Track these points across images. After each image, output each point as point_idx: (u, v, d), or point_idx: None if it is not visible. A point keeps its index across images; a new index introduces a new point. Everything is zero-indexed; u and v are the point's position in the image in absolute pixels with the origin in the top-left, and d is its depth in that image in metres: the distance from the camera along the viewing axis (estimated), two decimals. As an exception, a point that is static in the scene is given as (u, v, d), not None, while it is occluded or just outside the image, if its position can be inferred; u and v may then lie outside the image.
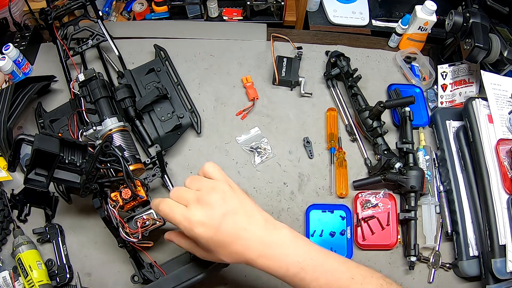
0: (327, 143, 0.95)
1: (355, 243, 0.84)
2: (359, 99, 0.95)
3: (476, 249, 0.79)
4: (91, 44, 0.99)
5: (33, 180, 0.66)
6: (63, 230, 0.84)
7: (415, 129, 0.96)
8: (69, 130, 0.86)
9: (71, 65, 0.99)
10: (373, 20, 1.22)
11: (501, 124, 0.83)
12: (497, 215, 0.75)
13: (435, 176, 0.89)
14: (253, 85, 1.02)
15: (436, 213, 0.86)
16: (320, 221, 0.85)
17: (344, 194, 0.88)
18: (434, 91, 1.02)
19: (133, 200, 0.74)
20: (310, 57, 1.09)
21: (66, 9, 0.98)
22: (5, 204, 0.84)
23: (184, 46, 1.09)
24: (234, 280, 0.81)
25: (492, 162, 0.79)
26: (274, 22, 1.24)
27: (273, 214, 0.87)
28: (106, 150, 0.69)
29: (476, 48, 0.86)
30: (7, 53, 0.97)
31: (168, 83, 0.97)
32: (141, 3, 1.19)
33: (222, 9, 1.23)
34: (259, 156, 0.93)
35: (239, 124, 0.98)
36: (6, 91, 0.86)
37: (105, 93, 0.86)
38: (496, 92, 0.87)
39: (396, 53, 1.09)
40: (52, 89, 1.02)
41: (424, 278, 0.81)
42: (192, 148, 0.94)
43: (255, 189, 0.90)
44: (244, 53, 1.09)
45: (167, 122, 0.91)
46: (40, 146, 0.62)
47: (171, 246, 0.83)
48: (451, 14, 0.92)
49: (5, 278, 0.77)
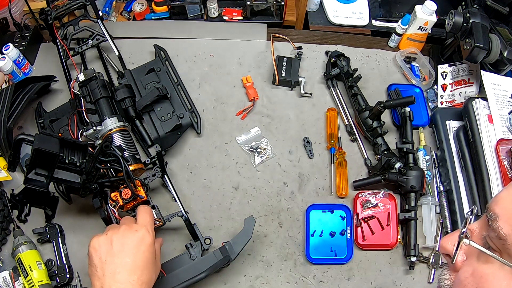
0: (327, 143, 0.95)
1: (355, 243, 0.84)
2: (359, 99, 0.95)
3: (476, 249, 0.79)
4: (91, 44, 0.99)
5: (33, 180, 0.66)
6: (63, 230, 0.84)
7: (415, 129, 0.96)
8: (69, 130, 0.86)
9: (71, 65, 0.99)
10: (373, 20, 1.22)
11: (501, 124, 0.83)
12: (497, 215, 0.75)
13: (435, 176, 0.89)
14: (253, 85, 1.02)
15: (436, 213, 0.86)
16: (320, 221, 0.85)
17: (344, 194, 0.88)
18: (434, 91, 1.02)
19: (133, 200, 0.74)
20: (310, 57, 1.09)
21: (66, 9, 0.98)
22: (5, 204, 0.84)
23: (184, 46, 1.09)
24: (234, 280, 0.81)
25: (492, 162, 0.79)
26: (274, 22, 1.24)
27: (273, 214, 0.87)
28: (106, 150, 0.69)
29: (476, 48, 0.86)
30: (7, 53, 0.97)
31: (168, 83, 0.97)
32: (141, 3, 1.19)
33: (222, 9, 1.23)
34: (259, 156, 0.93)
35: (239, 124, 0.98)
36: (6, 91, 0.86)
37: (105, 93, 0.86)
38: (496, 92, 0.87)
39: (396, 53, 1.09)
40: (52, 89, 1.02)
41: (424, 278, 0.81)
42: (192, 148, 0.94)
43: (255, 189, 0.90)
44: (244, 53, 1.09)
45: (167, 122, 0.91)
46: (40, 146, 0.62)
47: (171, 246, 0.83)
48: (451, 14, 0.92)
49: (5, 278, 0.77)
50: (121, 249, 0.60)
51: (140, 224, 0.66)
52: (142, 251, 0.61)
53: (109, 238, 0.62)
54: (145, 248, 0.62)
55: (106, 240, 0.61)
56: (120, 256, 0.60)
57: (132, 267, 0.59)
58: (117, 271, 0.58)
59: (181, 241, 0.83)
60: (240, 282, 0.80)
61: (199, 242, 0.78)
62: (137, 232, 0.63)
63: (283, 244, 0.84)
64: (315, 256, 0.82)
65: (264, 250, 0.84)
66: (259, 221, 0.86)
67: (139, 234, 0.63)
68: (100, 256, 0.60)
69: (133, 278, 0.59)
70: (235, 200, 0.89)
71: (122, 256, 0.60)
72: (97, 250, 0.61)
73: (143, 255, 0.61)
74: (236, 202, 0.89)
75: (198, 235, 0.79)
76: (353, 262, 0.83)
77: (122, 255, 0.60)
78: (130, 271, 0.59)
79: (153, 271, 0.63)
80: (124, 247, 0.61)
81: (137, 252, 0.61)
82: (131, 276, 0.59)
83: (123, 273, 0.58)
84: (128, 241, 0.61)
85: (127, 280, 0.58)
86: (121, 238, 0.62)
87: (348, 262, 0.82)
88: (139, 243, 0.62)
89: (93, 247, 0.61)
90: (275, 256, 0.83)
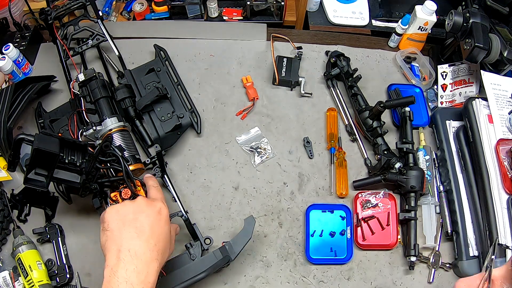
0: (327, 143, 0.95)
1: (355, 243, 0.84)
2: (359, 99, 0.95)
3: (476, 249, 0.79)
4: (91, 44, 0.99)
5: (33, 180, 0.66)
6: (63, 230, 0.84)
7: (415, 129, 0.96)
8: (69, 130, 0.86)
9: (71, 65, 0.99)
10: (373, 20, 1.22)
11: (501, 124, 0.83)
12: (497, 215, 0.75)
13: (435, 176, 0.89)
14: (253, 85, 1.02)
15: (436, 213, 0.86)
16: (320, 221, 0.85)
17: (344, 194, 0.88)
18: (434, 91, 1.02)
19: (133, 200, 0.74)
20: (310, 57, 1.09)
21: (66, 9, 0.98)
22: (5, 204, 0.84)
23: (184, 46, 1.09)
24: (234, 280, 0.81)
25: (492, 162, 0.79)
26: (274, 22, 1.24)
27: (273, 214, 0.87)
28: (106, 150, 0.69)
29: (476, 48, 0.86)
30: (7, 53, 0.97)
31: (168, 83, 0.97)
32: (141, 3, 1.19)
33: (222, 9, 1.23)
34: (259, 156, 0.93)
35: (239, 124, 0.98)
36: (6, 91, 0.86)
37: (105, 93, 0.86)
38: (496, 92, 0.87)
39: (396, 53, 1.09)
40: (52, 89, 1.02)
41: (424, 278, 0.81)
42: (192, 148, 0.94)
43: (255, 189, 0.90)
44: (244, 53, 1.09)
45: (167, 122, 0.91)
46: (40, 146, 0.62)
47: (171, 246, 0.83)
48: (451, 14, 0.92)
49: (5, 278, 0.77)
50: (138, 217, 0.59)
51: (155, 198, 0.66)
52: (159, 221, 0.61)
53: (126, 206, 0.61)
54: (163, 219, 0.61)
55: (124, 208, 0.61)
56: (138, 222, 0.59)
57: (150, 234, 0.59)
58: (135, 235, 0.57)
59: (181, 241, 0.83)
60: (240, 282, 0.80)
61: (199, 242, 0.78)
62: (154, 203, 0.63)
63: (283, 244, 0.84)
64: (315, 256, 0.82)
65: (264, 250, 0.84)
66: (259, 221, 0.86)
67: (156, 205, 0.62)
68: (117, 221, 0.59)
69: (151, 244, 0.58)
70: (235, 200, 0.89)
71: (140, 222, 0.59)
72: (113, 216, 0.59)
73: (159, 225, 0.60)
74: (236, 202, 0.89)
75: (198, 235, 0.79)
76: (353, 262, 0.83)
77: (140, 222, 0.59)
78: (148, 237, 0.58)
79: (167, 246, 0.62)
80: (142, 215, 0.60)
81: (155, 221, 0.60)
82: (149, 242, 0.58)
83: (142, 237, 0.58)
84: (146, 210, 0.61)
85: (145, 244, 0.57)
86: (138, 207, 0.61)
87: (348, 262, 0.82)
88: (157, 214, 0.61)
89: (110, 214, 0.60)
90: (275, 256, 0.83)
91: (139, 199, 0.63)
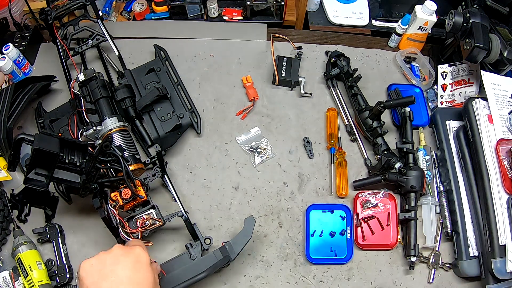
0: (327, 143, 0.95)
1: (355, 243, 0.84)
2: (359, 99, 0.95)
3: (476, 249, 0.79)
4: (91, 44, 0.99)
5: (33, 180, 0.66)
6: (63, 230, 0.84)
7: (415, 129, 0.96)
8: (69, 130, 0.86)
9: (71, 65, 0.99)
10: (373, 20, 1.22)
11: (501, 124, 0.83)
12: (497, 215, 0.75)
13: (435, 176, 0.89)
14: (253, 85, 1.02)
15: (436, 213, 0.86)
16: (320, 221, 0.85)
17: (344, 194, 0.88)
18: (434, 91, 1.02)
19: (133, 200, 0.74)
20: (310, 57, 1.09)
21: (66, 9, 0.98)
22: (5, 204, 0.84)
23: (184, 46, 1.09)
24: (234, 280, 0.81)
25: (492, 162, 0.79)
26: (274, 22, 1.24)
27: (273, 214, 0.87)
28: (106, 150, 0.69)
29: (476, 48, 0.86)
30: (7, 53, 0.97)
31: (168, 83, 0.97)
32: (141, 3, 1.19)
33: (222, 9, 1.23)
34: (259, 156, 0.93)
35: (239, 124, 0.98)
36: (6, 91, 0.86)
37: (105, 93, 0.86)
38: (496, 92, 0.87)
39: (396, 53, 1.09)
40: (52, 89, 1.02)
41: (424, 278, 0.81)
42: (192, 148, 0.94)
43: (255, 189, 0.90)
44: (244, 53, 1.09)
45: (167, 122, 0.91)
46: (40, 146, 0.62)
47: (171, 246, 0.83)
48: (451, 14, 0.92)
49: (5, 278, 0.77)
50: (115, 269, 0.55)
51: (132, 245, 0.61)
52: (138, 270, 0.57)
53: (101, 258, 0.57)
54: (143, 267, 0.57)
55: (98, 261, 0.56)
56: (114, 275, 0.55)
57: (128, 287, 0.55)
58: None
59: (181, 241, 0.83)
60: (240, 282, 0.80)
61: (199, 242, 0.78)
62: (131, 250, 0.59)
63: (283, 244, 0.84)
64: (315, 256, 0.82)
65: (264, 250, 0.84)
66: (259, 221, 0.86)
67: (134, 252, 0.58)
68: (92, 276, 0.55)
69: None
70: (235, 200, 0.89)
71: (116, 275, 0.55)
72: (88, 271, 0.55)
73: (139, 275, 0.56)
74: (236, 202, 0.89)
75: (198, 235, 0.79)
76: (353, 262, 0.83)
77: (116, 275, 0.55)
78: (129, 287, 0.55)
79: None
80: (118, 266, 0.56)
81: (133, 272, 0.56)
82: None
83: None
84: (123, 260, 0.57)
85: None
86: (113, 258, 0.57)
87: (348, 262, 0.82)
88: (135, 263, 0.57)
89: (84, 269, 0.56)
90: (275, 256, 0.83)
91: (115, 249, 0.58)
